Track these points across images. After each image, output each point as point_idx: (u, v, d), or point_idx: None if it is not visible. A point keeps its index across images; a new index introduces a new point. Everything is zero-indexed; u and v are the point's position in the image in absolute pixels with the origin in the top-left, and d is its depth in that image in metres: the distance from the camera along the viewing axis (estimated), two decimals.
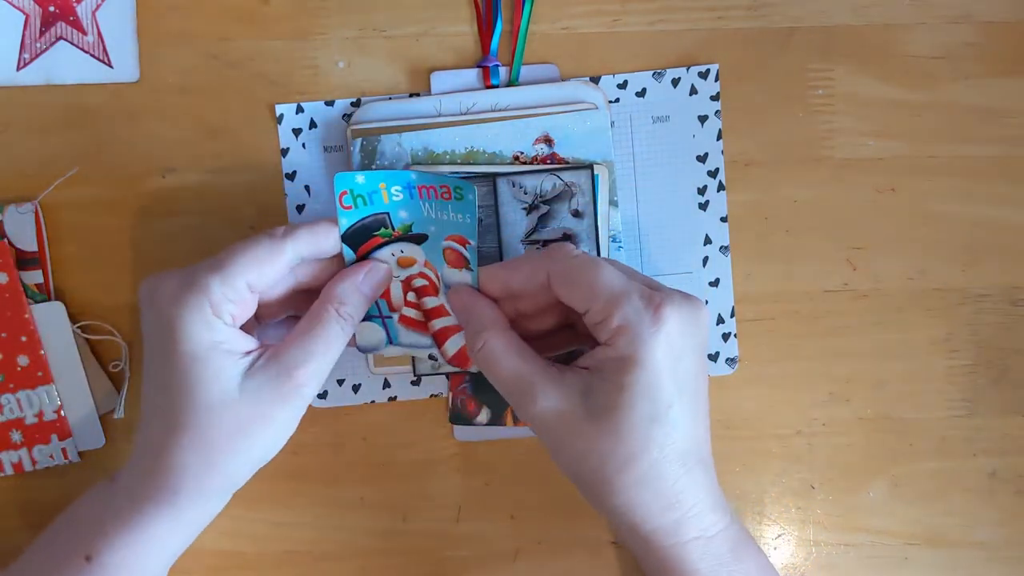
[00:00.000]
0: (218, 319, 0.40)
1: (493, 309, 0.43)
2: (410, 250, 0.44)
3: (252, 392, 0.40)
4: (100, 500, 0.43)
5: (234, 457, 0.41)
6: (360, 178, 0.43)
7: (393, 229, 0.44)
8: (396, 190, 0.43)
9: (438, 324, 0.45)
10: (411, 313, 0.45)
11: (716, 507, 0.41)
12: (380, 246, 0.44)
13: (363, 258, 0.44)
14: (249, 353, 0.41)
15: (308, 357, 0.41)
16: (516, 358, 0.41)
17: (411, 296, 0.45)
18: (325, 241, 0.43)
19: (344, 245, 0.43)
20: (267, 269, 0.41)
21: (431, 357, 0.45)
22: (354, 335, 0.44)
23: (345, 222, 0.43)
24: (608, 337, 0.39)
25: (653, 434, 0.39)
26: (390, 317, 0.45)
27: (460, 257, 0.44)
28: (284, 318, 0.46)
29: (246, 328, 0.43)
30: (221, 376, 0.40)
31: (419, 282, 0.45)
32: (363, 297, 0.43)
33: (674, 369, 0.39)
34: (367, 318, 0.45)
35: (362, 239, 0.44)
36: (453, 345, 0.44)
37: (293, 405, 0.41)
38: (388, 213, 0.43)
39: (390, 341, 0.45)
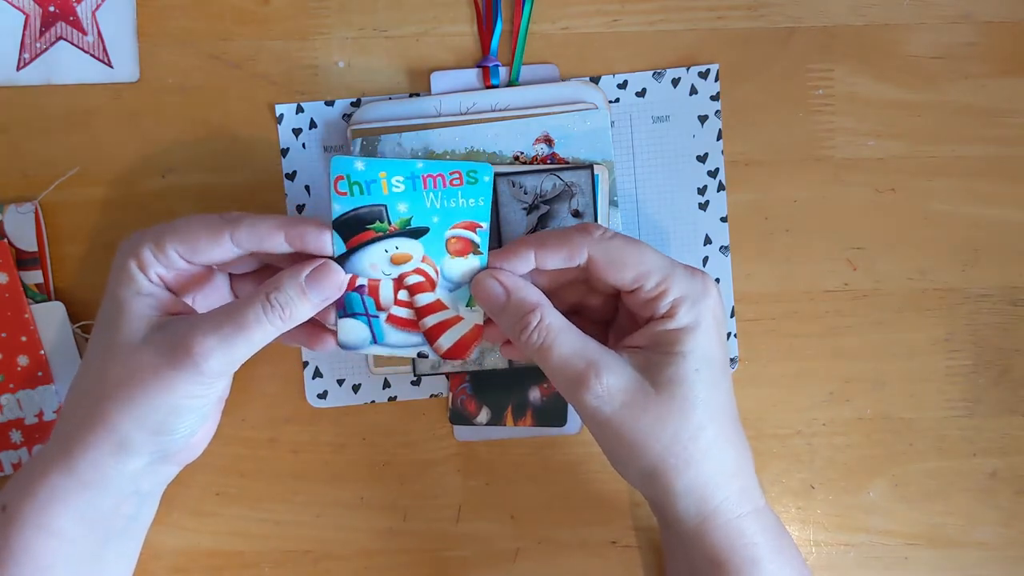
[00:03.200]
0: (142, 274, 0.40)
1: (537, 288, 0.41)
2: (406, 246, 0.42)
3: (151, 346, 0.39)
4: None
5: (120, 408, 0.39)
6: (359, 164, 0.40)
7: (390, 224, 0.41)
8: (397, 181, 0.40)
9: (431, 320, 0.43)
10: (401, 312, 0.43)
11: (756, 476, 0.42)
12: (374, 241, 0.41)
13: (353, 251, 0.41)
14: (173, 314, 0.40)
15: (212, 329, 0.38)
16: (575, 334, 0.40)
17: (403, 295, 0.42)
18: (268, 240, 0.40)
19: (335, 233, 0.41)
20: (202, 247, 0.40)
21: (421, 355, 0.43)
22: (336, 331, 0.43)
23: (338, 208, 0.41)
24: (667, 310, 0.40)
25: (716, 399, 0.40)
26: (376, 316, 0.43)
27: (467, 244, 0.41)
28: None
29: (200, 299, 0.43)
30: (132, 324, 0.39)
31: (413, 279, 0.42)
32: (301, 291, 0.40)
33: (721, 334, 0.41)
34: (352, 315, 0.42)
35: (355, 230, 0.41)
36: (448, 339, 0.43)
37: (186, 374, 0.38)
38: (385, 206, 0.41)
39: (374, 340, 0.43)
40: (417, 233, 0.42)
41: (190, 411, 0.40)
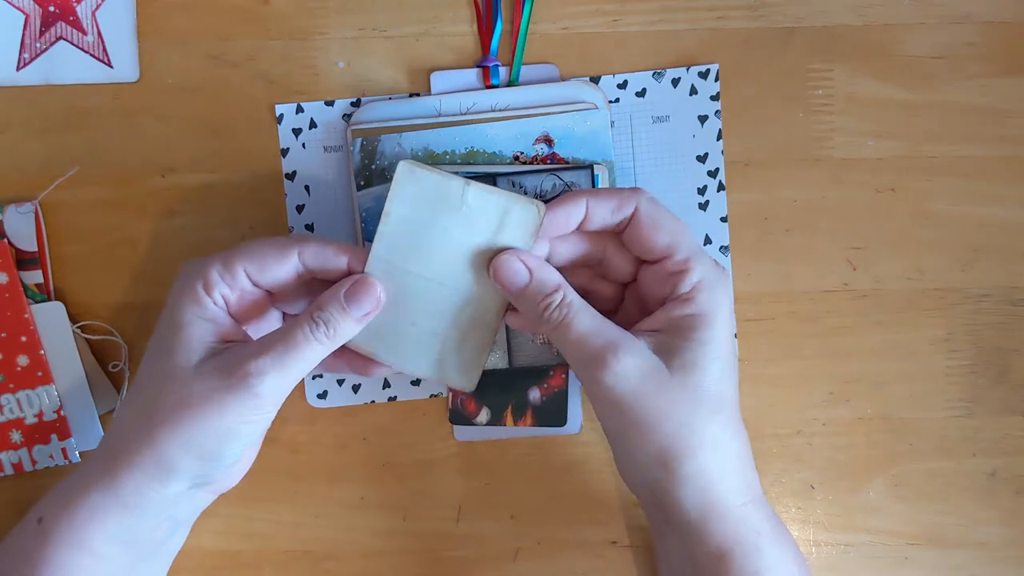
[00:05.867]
0: (208, 296, 0.41)
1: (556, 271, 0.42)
2: None
3: (205, 372, 0.39)
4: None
5: (170, 433, 0.39)
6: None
7: None
8: None
9: None
10: None
11: (756, 470, 0.43)
12: None
13: None
14: (229, 341, 0.41)
15: (264, 351, 0.39)
16: (593, 313, 0.41)
17: None
18: (333, 261, 0.42)
19: None
20: (269, 265, 0.41)
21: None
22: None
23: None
24: (688, 291, 0.41)
25: (727, 391, 0.41)
26: None
27: None
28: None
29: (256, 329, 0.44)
30: (188, 348, 0.40)
31: None
32: (341, 306, 0.41)
33: (733, 328, 0.42)
34: None
35: None
36: None
37: (240, 398, 0.39)
38: None
39: None
40: None
41: (240, 436, 0.40)
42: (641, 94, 0.50)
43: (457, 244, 0.42)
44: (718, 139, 0.50)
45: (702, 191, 0.50)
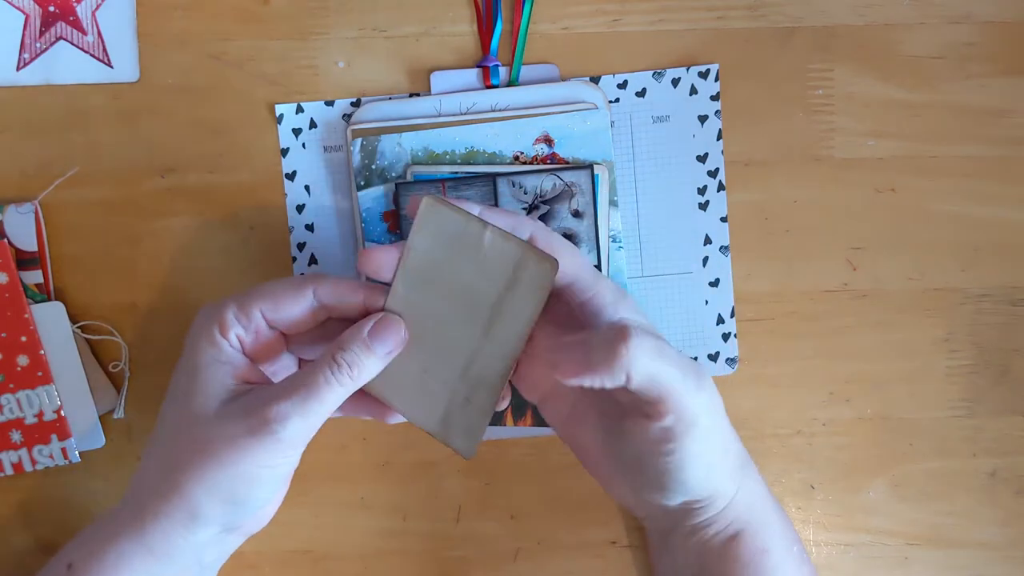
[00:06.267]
0: (223, 339, 0.40)
1: None
2: None
3: (226, 415, 0.39)
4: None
5: (194, 476, 0.38)
6: None
7: None
8: None
9: None
10: None
11: None
12: None
13: None
14: (249, 383, 0.40)
15: (286, 395, 0.38)
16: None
17: None
18: (349, 297, 0.41)
19: None
20: (284, 304, 0.40)
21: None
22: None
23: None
24: (612, 311, 0.40)
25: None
26: None
27: None
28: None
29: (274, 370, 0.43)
30: (206, 392, 0.39)
31: None
32: (366, 346, 0.40)
33: None
34: None
35: None
36: None
37: (263, 444, 0.38)
38: None
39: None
40: None
41: (264, 481, 0.39)
42: (641, 94, 0.50)
43: (471, 290, 0.40)
44: (718, 139, 0.50)
45: (702, 191, 0.50)
